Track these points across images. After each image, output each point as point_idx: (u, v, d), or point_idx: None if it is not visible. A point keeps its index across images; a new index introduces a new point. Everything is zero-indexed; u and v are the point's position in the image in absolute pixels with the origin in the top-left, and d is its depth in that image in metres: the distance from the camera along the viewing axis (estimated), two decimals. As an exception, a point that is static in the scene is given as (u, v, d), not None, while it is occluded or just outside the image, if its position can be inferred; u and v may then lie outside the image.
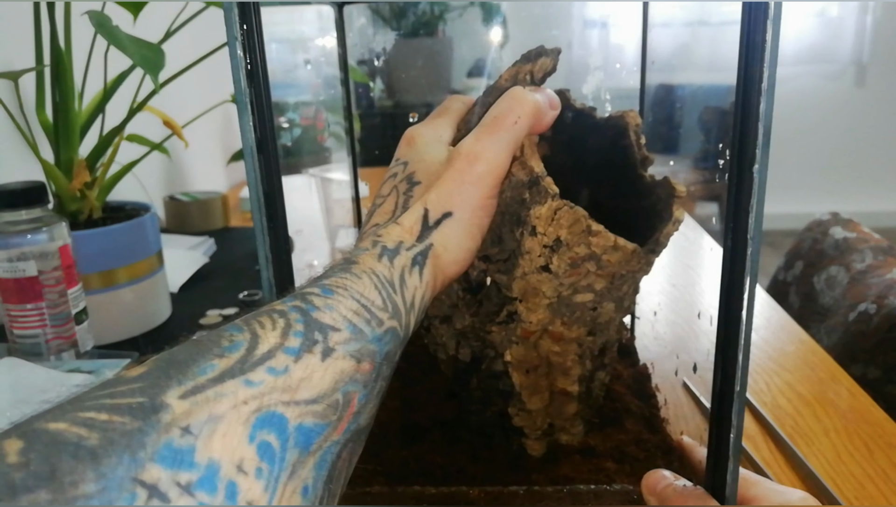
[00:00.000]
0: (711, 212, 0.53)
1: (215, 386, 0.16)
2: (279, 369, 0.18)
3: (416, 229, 0.26)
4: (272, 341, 0.19)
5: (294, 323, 0.20)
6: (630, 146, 0.35)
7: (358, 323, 0.21)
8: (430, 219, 0.26)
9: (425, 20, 1.34)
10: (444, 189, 0.27)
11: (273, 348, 0.18)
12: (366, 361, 0.20)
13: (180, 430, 0.15)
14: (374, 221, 0.27)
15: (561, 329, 0.32)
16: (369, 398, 0.21)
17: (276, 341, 0.19)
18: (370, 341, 0.21)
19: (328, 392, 0.19)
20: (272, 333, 0.19)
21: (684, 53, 1.37)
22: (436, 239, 0.26)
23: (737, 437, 0.28)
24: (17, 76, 0.55)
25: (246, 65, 0.24)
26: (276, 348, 0.18)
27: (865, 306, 0.67)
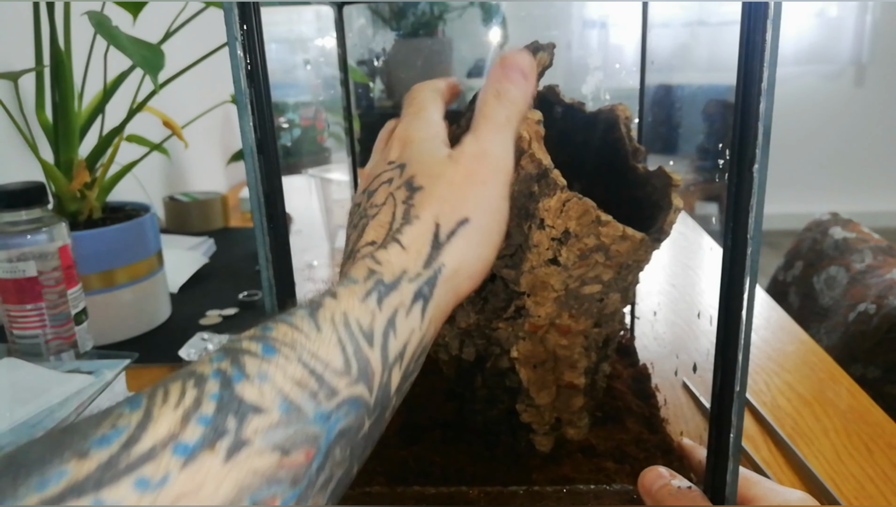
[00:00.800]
0: (711, 212, 0.53)
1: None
2: (153, 482, 0.14)
3: (423, 250, 0.22)
4: (163, 429, 0.15)
5: (206, 400, 0.15)
6: (621, 139, 0.36)
7: (296, 399, 0.16)
8: (442, 233, 0.22)
9: (425, 20, 1.34)
10: (454, 193, 0.23)
11: (159, 442, 0.14)
12: (299, 450, 0.16)
13: None
14: (368, 238, 0.23)
15: (568, 322, 0.32)
16: (306, 498, 0.16)
17: (168, 430, 0.15)
18: (311, 422, 0.16)
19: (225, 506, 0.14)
20: (171, 414, 0.15)
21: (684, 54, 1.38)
22: (449, 257, 0.22)
23: (736, 437, 0.28)
24: (17, 76, 0.55)
25: (246, 65, 0.24)
26: (163, 442, 0.14)
27: (865, 306, 0.67)
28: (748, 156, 0.24)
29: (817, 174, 2.77)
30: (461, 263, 0.22)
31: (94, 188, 0.59)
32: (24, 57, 0.59)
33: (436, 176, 0.24)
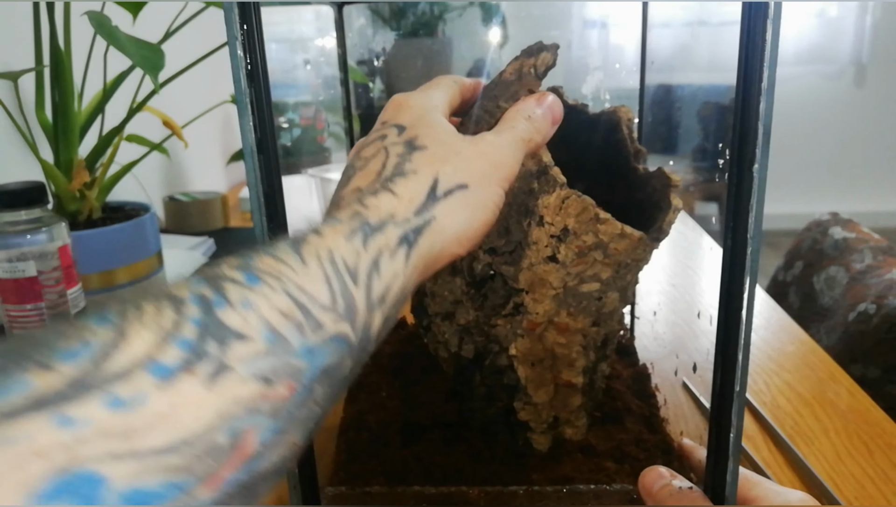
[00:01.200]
0: (711, 212, 0.53)
1: (5, 423, 0.11)
2: (127, 401, 0.13)
3: (416, 200, 0.21)
4: (139, 348, 0.14)
5: (186, 323, 0.14)
6: (623, 140, 0.36)
7: (282, 329, 0.16)
8: (440, 189, 0.22)
9: (425, 20, 1.34)
10: (461, 161, 0.23)
11: (135, 362, 0.13)
12: (282, 382, 0.15)
13: None
14: (354, 186, 0.23)
15: (567, 320, 0.32)
16: (284, 433, 0.15)
17: (144, 349, 0.14)
18: (296, 355, 0.16)
19: (201, 432, 0.13)
20: (146, 333, 0.14)
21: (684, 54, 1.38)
22: (441, 211, 0.22)
23: (736, 437, 0.28)
24: (17, 76, 0.55)
25: (246, 65, 0.24)
26: (138, 363, 0.13)
27: (865, 305, 0.67)
28: (748, 156, 0.24)
29: (817, 174, 2.77)
30: (452, 222, 0.22)
31: (93, 188, 0.59)
32: (24, 57, 0.59)
33: (443, 143, 0.24)
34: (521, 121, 0.27)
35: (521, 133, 0.26)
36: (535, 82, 0.32)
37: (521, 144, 0.26)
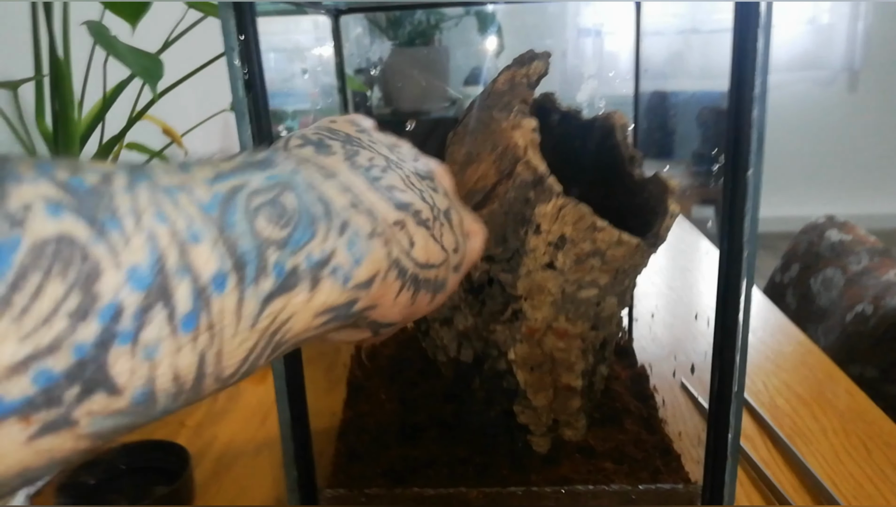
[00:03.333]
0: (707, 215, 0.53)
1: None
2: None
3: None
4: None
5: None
6: (617, 146, 0.36)
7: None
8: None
9: (421, 29, 1.35)
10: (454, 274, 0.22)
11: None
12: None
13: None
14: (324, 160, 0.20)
15: (565, 325, 0.32)
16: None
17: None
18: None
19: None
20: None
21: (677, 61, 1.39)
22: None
23: (735, 437, 0.28)
24: (17, 86, 0.55)
25: (244, 74, 0.24)
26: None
27: (862, 306, 0.68)
28: (742, 162, 0.25)
29: (812, 178, 2.79)
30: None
31: (93, 197, 0.59)
32: (24, 66, 0.60)
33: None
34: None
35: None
36: (528, 92, 0.32)
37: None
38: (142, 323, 0.13)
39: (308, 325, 0.17)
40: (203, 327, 0.14)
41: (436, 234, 0.21)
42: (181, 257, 0.14)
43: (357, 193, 0.19)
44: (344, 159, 0.20)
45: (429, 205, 0.21)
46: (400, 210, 0.20)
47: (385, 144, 0.23)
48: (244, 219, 0.16)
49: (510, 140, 0.30)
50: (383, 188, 0.20)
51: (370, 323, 0.20)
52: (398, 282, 0.19)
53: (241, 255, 0.15)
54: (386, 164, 0.21)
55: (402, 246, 0.20)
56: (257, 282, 0.15)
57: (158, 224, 0.14)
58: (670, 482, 0.33)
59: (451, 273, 0.22)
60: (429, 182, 0.22)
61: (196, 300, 0.14)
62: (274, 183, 0.17)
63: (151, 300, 0.13)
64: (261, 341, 0.16)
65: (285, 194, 0.17)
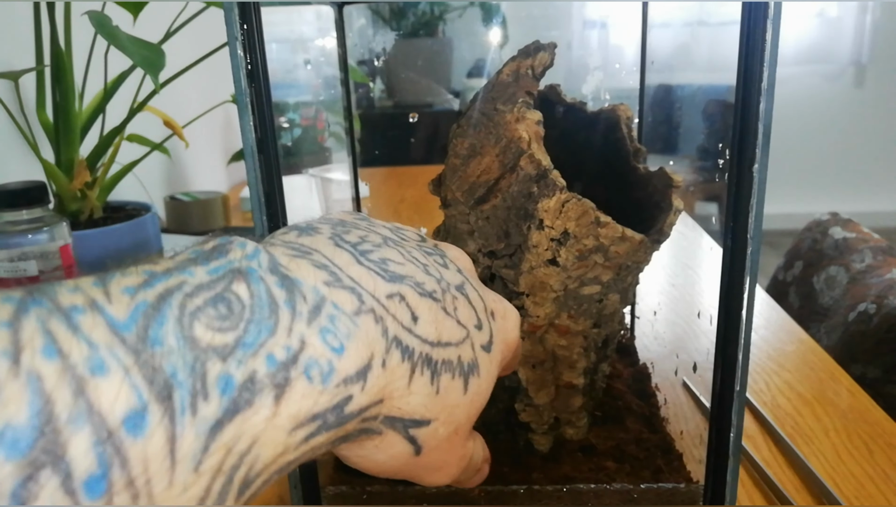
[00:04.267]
0: (711, 212, 0.53)
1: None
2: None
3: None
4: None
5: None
6: (622, 139, 0.36)
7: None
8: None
9: (425, 20, 1.34)
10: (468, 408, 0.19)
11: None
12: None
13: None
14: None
15: (567, 322, 0.32)
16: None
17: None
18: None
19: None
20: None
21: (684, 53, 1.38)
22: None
23: (736, 436, 0.28)
24: (18, 76, 0.55)
25: (246, 65, 0.24)
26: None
27: (865, 305, 0.67)
28: (748, 156, 0.24)
29: (817, 174, 2.77)
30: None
31: (94, 188, 0.59)
32: (25, 56, 0.59)
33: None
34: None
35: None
36: (533, 84, 0.32)
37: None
38: (26, 498, 0.10)
39: (284, 446, 0.13)
40: (119, 487, 0.11)
41: (448, 307, 0.17)
42: (76, 399, 0.11)
43: (338, 268, 0.16)
44: (329, 237, 0.17)
45: (434, 278, 0.18)
46: (394, 282, 0.16)
47: (387, 227, 0.20)
48: (174, 330, 0.12)
49: (514, 133, 0.30)
50: (374, 262, 0.17)
51: (390, 423, 0.16)
52: (406, 364, 0.16)
53: (166, 379, 0.12)
54: (381, 241, 0.18)
55: (402, 321, 0.16)
56: (194, 409, 0.12)
57: (44, 361, 0.11)
58: (672, 482, 0.33)
59: (481, 354, 0.18)
60: (437, 258, 0.19)
61: (102, 454, 0.11)
62: (220, 275, 0.13)
63: (35, 468, 0.10)
64: (215, 485, 0.12)
65: (235, 285, 0.13)
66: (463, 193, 0.33)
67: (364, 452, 0.17)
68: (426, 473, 0.18)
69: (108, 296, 0.12)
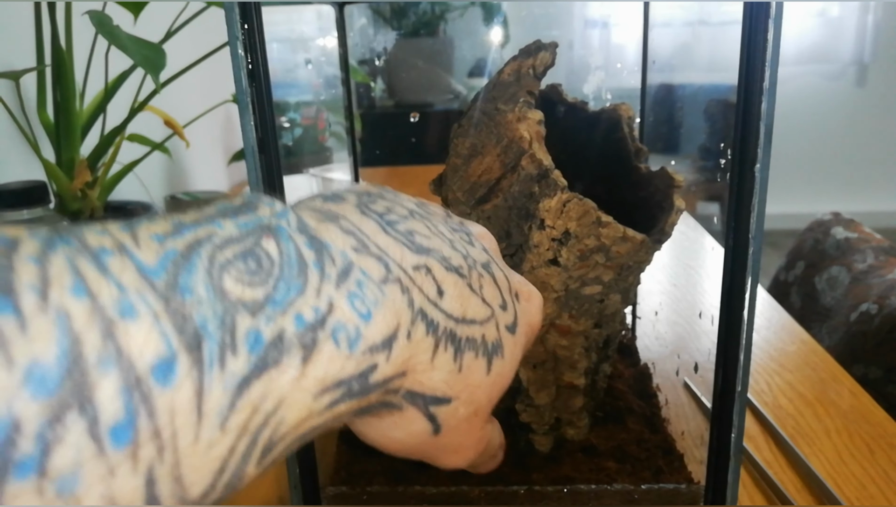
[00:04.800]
0: (713, 211, 0.53)
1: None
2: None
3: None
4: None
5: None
6: (624, 139, 0.36)
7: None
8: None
9: (426, 20, 1.34)
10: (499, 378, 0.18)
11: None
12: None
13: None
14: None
15: (568, 323, 0.32)
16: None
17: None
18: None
19: None
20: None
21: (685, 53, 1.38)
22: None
23: (738, 437, 0.28)
24: (19, 76, 0.55)
25: (247, 64, 0.24)
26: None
27: (867, 306, 0.67)
28: (750, 156, 0.24)
29: (819, 174, 2.77)
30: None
31: (95, 188, 0.59)
32: (26, 56, 0.59)
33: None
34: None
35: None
36: (534, 83, 0.32)
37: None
38: (49, 444, 0.09)
39: (309, 411, 0.13)
40: (145, 437, 0.10)
41: (473, 284, 0.17)
42: (105, 341, 0.10)
43: (365, 236, 0.15)
44: (356, 205, 0.17)
45: (461, 253, 0.17)
46: (421, 254, 0.16)
47: (413, 201, 0.19)
48: (204, 281, 0.12)
49: (515, 132, 0.30)
50: (401, 232, 0.16)
51: (411, 399, 0.16)
52: (430, 338, 0.15)
53: (196, 329, 0.11)
54: (408, 213, 0.18)
55: (428, 294, 0.16)
56: (223, 363, 0.11)
57: (73, 299, 0.10)
58: (673, 482, 0.33)
59: (505, 334, 0.18)
60: (462, 235, 0.19)
61: (129, 401, 0.10)
62: (250, 230, 0.13)
63: (61, 409, 0.10)
64: (240, 445, 0.12)
65: (264, 242, 0.13)
66: (464, 193, 0.33)
67: (383, 426, 0.17)
68: (443, 454, 0.18)
69: (137, 241, 0.12)
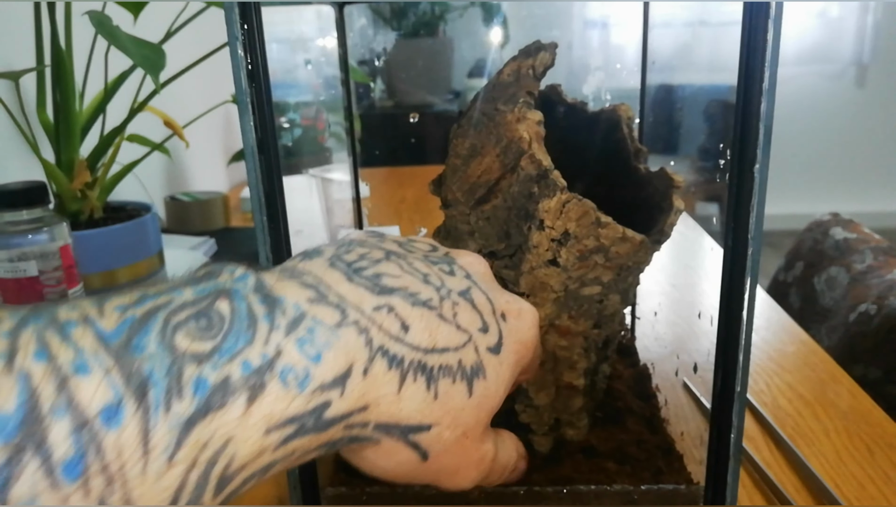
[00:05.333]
0: (711, 212, 0.53)
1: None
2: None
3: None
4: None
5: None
6: (623, 139, 0.36)
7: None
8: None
9: (426, 20, 1.34)
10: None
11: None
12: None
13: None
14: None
15: (568, 323, 0.32)
16: None
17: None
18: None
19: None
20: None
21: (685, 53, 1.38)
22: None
23: (737, 437, 0.28)
24: (18, 76, 0.55)
25: (247, 65, 0.24)
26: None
27: (866, 306, 0.67)
28: (749, 156, 0.24)
29: (818, 174, 2.77)
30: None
31: (95, 188, 0.59)
32: (25, 56, 0.59)
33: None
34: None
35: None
36: (534, 84, 0.32)
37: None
38: (8, 479, 0.11)
39: (261, 447, 0.14)
40: (95, 471, 0.12)
41: (445, 314, 0.18)
42: (59, 393, 0.12)
43: (326, 286, 0.17)
44: (327, 259, 0.18)
45: (433, 286, 0.19)
46: (383, 295, 0.17)
47: (397, 241, 0.21)
48: (156, 339, 0.13)
49: (515, 133, 0.30)
50: (366, 278, 0.18)
51: (386, 430, 0.17)
52: (394, 372, 0.16)
53: (144, 379, 0.13)
54: (383, 256, 0.19)
55: (390, 331, 0.17)
56: (168, 405, 0.13)
57: (34, 362, 0.12)
58: (672, 483, 0.33)
59: (487, 356, 0.19)
60: (442, 266, 0.20)
61: (79, 441, 0.12)
62: (206, 294, 0.15)
63: (18, 450, 0.11)
64: (191, 477, 0.13)
65: (218, 303, 0.15)
66: (463, 194, 0.33)
67: (370, 458, 0.17)
68: (442, 477, 0.19)
69: (102, 312, 0.14)
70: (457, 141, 0.33)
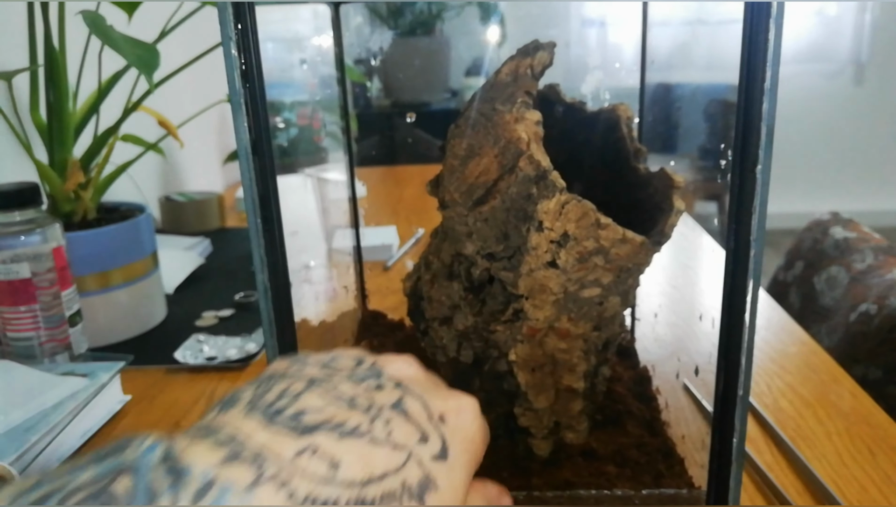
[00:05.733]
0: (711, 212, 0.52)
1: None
2: None
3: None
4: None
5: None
6: (622, 139, 0.35)
7: None
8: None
9: (422, 19, 1.34)
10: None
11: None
12: None
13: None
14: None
15: (567, 326, 0.32)
16: None
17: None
18: None
19: None
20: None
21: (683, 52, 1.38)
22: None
23: (740, 441, 0.27)
24: (11, 76, 0.54)
25: (240, 65, 0.24)
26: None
27: (866, 306, 0.67)
28: (751, 157, 0.24)
29: (817, 173, 2.77)
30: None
31: (88, 189, 0.58)
32: (18, 56, 0.59)
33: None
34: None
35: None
36: (532, 83, 0.31)
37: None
38: None
39: None
40: None
41: (378, 436, 0.17)
42: None
43: (242, 439, 0.16)
44: (245, 404, 0.18)
45: (360, 409, 0.18)
46: (306, 435, 0.17)
47: (319, 363, 0.20)
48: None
49: (513, 133, 0.30)
50: (287, 418, 0.17)
51: None
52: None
53: None
54: (304, 386, 0.18)
55: (317, 474, 0.16)
56: None
57: None
58: (674, 487, 0.32)
59: (434, 466, 0.18)
60: (370, 381, 0.19)
61: None
62: (106, 472, 0.14)
63: None
64: None
65: (119, 480, 0.14)
66: (461, 195, 0.32)
67: None
68: None
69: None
70: (454, 141, 0.33)
